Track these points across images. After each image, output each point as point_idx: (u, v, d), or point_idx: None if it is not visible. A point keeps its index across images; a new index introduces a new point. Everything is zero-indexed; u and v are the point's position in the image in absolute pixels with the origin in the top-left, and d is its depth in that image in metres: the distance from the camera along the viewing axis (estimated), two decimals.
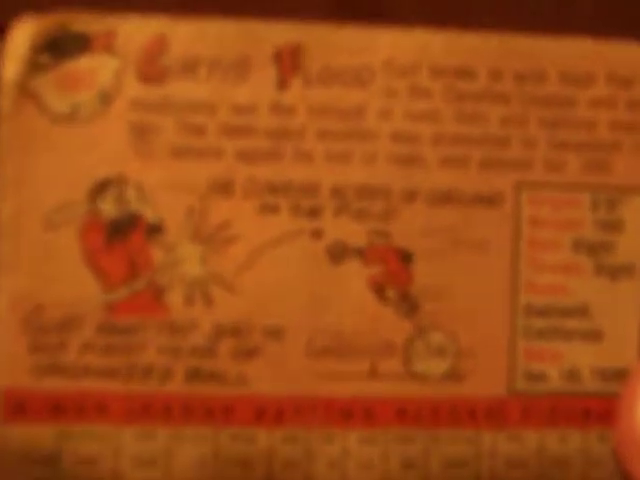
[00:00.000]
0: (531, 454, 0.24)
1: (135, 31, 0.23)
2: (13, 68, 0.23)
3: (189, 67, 0.23)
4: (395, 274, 0.23)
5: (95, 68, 0.23)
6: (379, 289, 0.23)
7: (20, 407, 0.23)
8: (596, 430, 0.24)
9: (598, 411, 0.24)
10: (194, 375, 0.23)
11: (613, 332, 0.24)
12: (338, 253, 0.23)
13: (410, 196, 0.23)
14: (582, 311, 0.24)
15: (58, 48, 0.23)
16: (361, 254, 0.23)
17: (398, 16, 0.26)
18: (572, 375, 0.24)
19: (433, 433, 0.23)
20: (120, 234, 0.23)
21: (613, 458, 0.24)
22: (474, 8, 0.26)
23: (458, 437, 0.24)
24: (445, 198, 0.24)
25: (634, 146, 0.24)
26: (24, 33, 0.23)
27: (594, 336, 0.24)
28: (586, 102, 0.24)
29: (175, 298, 0.23)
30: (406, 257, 0.23)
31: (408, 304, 0.23)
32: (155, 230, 0.23)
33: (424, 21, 0.25)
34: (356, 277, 0.23)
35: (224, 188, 0.23)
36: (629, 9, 0.26)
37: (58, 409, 0.23)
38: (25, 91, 0.23)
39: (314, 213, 0.23)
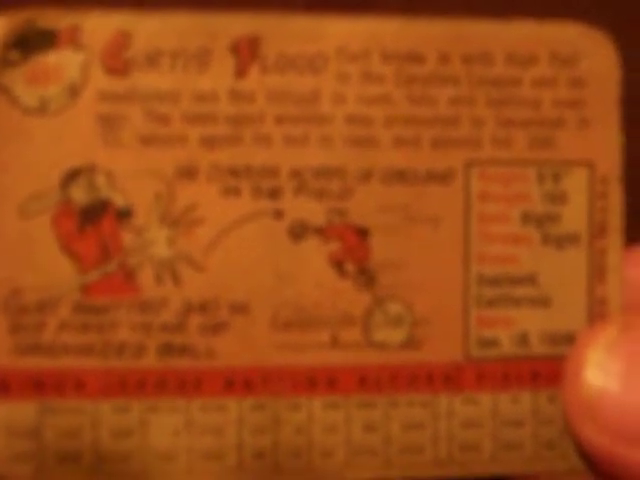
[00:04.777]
0: (485, 415, 0.25)
1: (99, 26, 0.24)
2: None
3: (152, 59, 0.24)
4: (353, 249, 0.25)
5: (62, 62, 0.24)
6: (338, 264, 0.25)
7: (3, 385, 0.24)
8: (546, 391, 0.25)
9: (547, 373, 0.25)
10: (166, 350, 0.24)
11: (560, 298, 0.25)
12: (298, 232, 0.25)
13: (365, 176, 0.25)
14: (531, 279, 0.25)
15: (26, 44, 0.24)
16: (320, 232, 0.25)
17: (376, 6, 0.27)
18: (522, 340, 0.25)
19: (393, 398, 0.25)
20: (91, 220, 0.24)
21: (562, 417, 0.25)
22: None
23: (416, 401, 0.25)
24: (399, 176, 0.25)
25: (576, 122, 0.25)
26: None
27: (542, 303, 0.25)
28: (530, 81, 0.25)
29: (145, 278, 0.24)
30: (363, 233, 0.25)
31: (366, 277, 0.25)
32: (125, 215, 0.24)
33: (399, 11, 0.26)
34: (316, 254, 0.25)
35: (189, 173, 0.24)
36: None
37: (39, 386, 0.24)
38: None
39: (274, 194, 0.25)
